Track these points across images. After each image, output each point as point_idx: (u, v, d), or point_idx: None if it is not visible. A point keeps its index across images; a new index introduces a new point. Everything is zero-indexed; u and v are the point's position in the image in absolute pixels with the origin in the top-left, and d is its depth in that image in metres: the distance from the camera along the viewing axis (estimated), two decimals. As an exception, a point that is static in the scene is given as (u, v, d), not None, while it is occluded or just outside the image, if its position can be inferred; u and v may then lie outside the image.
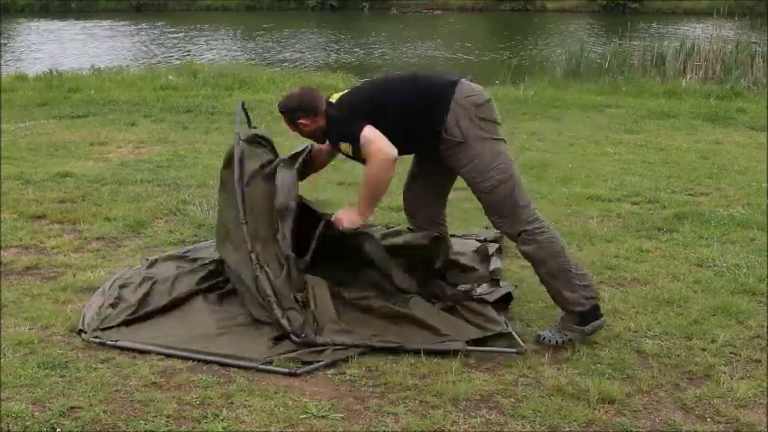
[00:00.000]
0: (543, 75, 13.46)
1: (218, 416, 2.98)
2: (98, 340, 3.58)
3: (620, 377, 3.32)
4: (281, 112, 3.98)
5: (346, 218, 3.85)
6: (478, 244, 4.71)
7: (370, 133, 3.66)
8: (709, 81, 12.61)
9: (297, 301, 3.69)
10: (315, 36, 26.73)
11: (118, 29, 30.00)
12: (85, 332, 3.64)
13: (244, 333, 3.65)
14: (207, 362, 3.42)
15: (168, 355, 3.46)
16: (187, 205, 5.72)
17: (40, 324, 3.75)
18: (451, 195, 6.13)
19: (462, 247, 4.63)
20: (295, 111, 3.91)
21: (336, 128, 3.83)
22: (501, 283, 4.18)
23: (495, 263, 4.54)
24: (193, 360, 3.44)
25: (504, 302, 4.00)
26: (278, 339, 3.56)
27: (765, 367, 3.42)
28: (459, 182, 6.58)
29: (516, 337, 3.62)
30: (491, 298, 3.95)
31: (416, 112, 3.70)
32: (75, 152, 7.72)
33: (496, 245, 4.85)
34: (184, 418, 2.98)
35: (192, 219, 5.41)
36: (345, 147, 3.79)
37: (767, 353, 3.55)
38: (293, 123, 3.94)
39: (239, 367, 3.37)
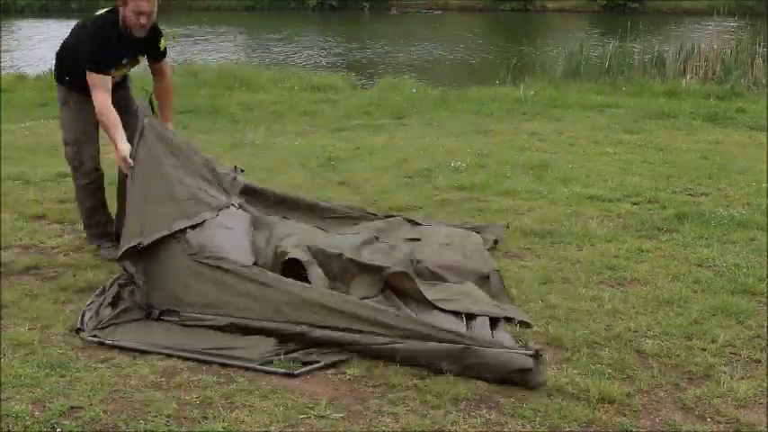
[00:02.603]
0: (543, 75, 13.45)
1: (218, 416, 2.98)
2: (96, 339, 3.58)
3: (620, 377, 3.32)
4: None
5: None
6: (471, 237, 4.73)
7: None
8: (709, 81, 12.59)
9: None
10: (315, 36, 26.72)
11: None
12: (84, 330, 3.65)
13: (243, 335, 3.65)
14: (207, 362, 3.42)
15: (168, 355, 3.46)
16: (187, 205, 5.71)
17: (40, 324, 3.75)
18: (452, 196, 6.19)
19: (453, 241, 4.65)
20: None
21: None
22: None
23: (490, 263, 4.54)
24: (193, 360, 3.44)
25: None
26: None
27: (765, 367, 3.42)
28: (459, 182, 6.59)
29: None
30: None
31: None
32: (76, 152, 7.70)
33: (493, 238, 4.88)
34: (184, 418, 2.98)
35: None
36: (164, 41, 4.61)
37: (767, 353, 3.55)
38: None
39: (238, 366, 3.37)
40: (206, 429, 2.90)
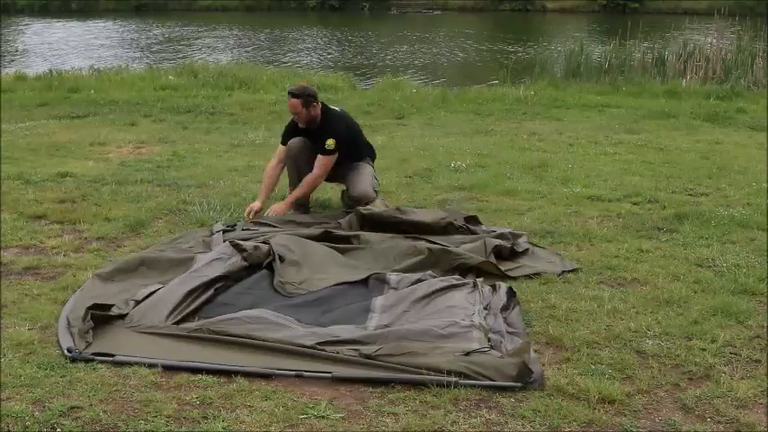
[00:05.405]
0: (543, 75, 13.46)
1: (218, 416, 2.98)
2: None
3: (620, 377, 3.32)
4: (297, 95, 5.28)
5: (276, 209, 5.36)
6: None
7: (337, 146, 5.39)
8: (709, 81, 12.61)
9: None
10: (315, 36, 26.73)
11: (118, 29, 30.02)
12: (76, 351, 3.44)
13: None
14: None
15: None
16: (187, 205, 5.73)
17: (39, 324, 3.75)
18: (452, 196, 6.19)
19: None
20: (310, 96, 5.33)
21: (338, 124, 5.46)
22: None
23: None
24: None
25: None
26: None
27: (765, 367, 3.42)
28: (459, 182, 6.59)
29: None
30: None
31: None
32: (75, 152, 7.72)
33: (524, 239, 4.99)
34: (184, 418, 2.98)
35: (192, 218, 5.41)
36: (330, 142, 5.36)
37: (767, 353, 3.55)
38: (306, 106, 5.30)
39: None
40: (206, 429, 2.90)
